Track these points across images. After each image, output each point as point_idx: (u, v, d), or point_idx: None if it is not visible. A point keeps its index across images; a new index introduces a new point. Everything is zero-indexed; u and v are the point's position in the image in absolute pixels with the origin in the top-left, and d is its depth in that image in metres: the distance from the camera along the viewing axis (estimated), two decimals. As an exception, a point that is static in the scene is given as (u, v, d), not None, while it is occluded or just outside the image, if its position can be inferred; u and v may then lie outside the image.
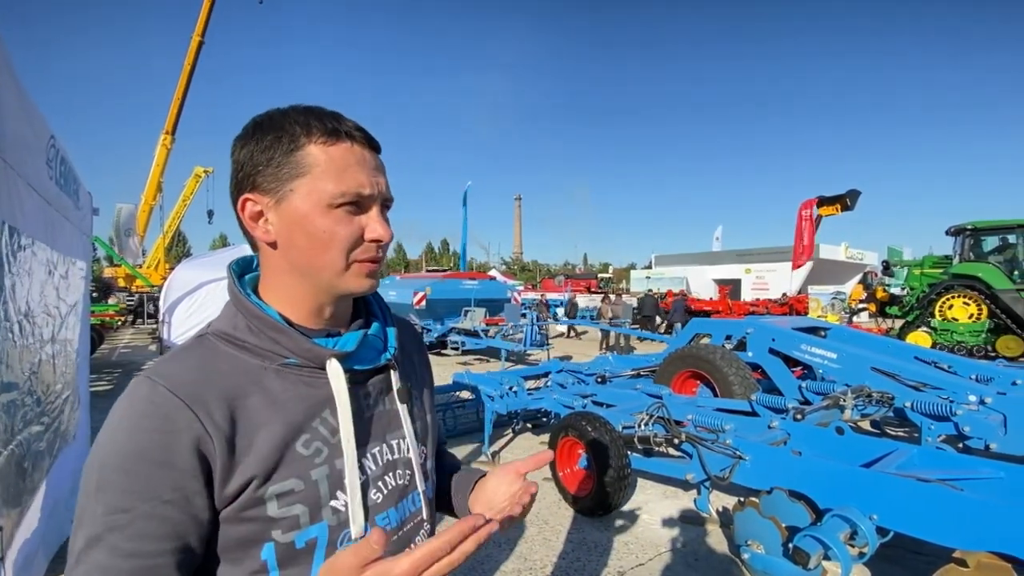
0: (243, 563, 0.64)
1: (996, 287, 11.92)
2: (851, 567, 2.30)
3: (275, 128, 0.67)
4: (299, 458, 0.66)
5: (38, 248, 2.41)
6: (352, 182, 0.66)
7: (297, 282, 0.70)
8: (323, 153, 0.66)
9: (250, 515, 0.63)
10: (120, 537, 0.57)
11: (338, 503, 0.68)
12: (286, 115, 0.68)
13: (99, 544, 0.57)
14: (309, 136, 0.66)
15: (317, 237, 0.66)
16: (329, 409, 0.69)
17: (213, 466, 0.61)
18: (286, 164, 0.66)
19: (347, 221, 0.67)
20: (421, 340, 0.98)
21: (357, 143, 0.68)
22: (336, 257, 0.67)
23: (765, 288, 28.40)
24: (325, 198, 0.66)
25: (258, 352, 0.67)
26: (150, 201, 24.16)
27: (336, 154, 0.67)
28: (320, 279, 0.69)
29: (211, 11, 21.70)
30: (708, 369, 5.00)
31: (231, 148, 0.70)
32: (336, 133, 0.67)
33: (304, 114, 0.68)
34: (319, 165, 0.66)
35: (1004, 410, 3.73)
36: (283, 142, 0.66)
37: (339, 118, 0.69)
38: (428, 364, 0.96)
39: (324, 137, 0.66)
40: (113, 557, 0.56)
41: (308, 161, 0.66)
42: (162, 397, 0.60)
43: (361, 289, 0.71)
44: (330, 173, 0.66)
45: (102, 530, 0.57)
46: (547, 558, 3.19)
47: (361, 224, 0.68)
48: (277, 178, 0.66)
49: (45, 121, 2.26)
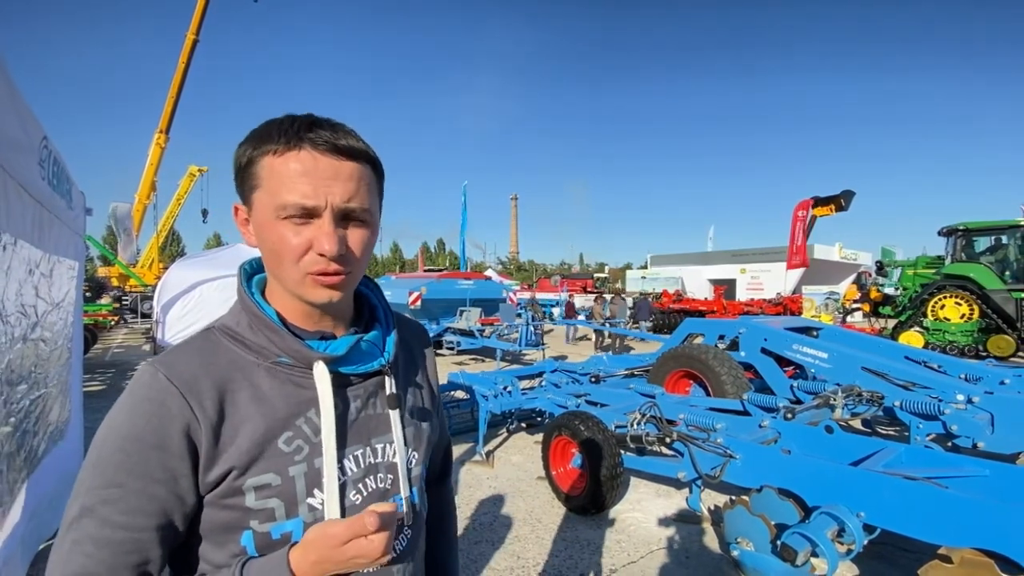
0: (226, 546, 0.68)
1: (988, 287, 12.05)
2: (837, 563, 2.33)
3: (248, 139, 0.69)
4: (279, 454, 0.69)
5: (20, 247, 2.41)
6: (294, 193, 0.65)
7: (280, 286, 0.73)
8: (272, 165, 0.66)
9: (230, 503, 0.67)
10: (112, 510, 0.61)
11: (315, 501, 0.70)
12: (270, 124, 0.68)
13: (91, 514, 0.61)
14: (264, 146, 0.66)
15: (271, 248, 0.68)
16: (314, 409, 0.71)
17: (199, 452, 0.65)
18: (248, 176, 0.68)
19: (294, 232, 0.66)
20: (430, 346, 0.98)
21: (316, 150, 0.65)
22: (288, 268, 0.68)
23: (760, 288, 28.55)
24: (271, 210, 0.66)
25: (254, 348, 0.71)
26: (144, 200, 24.04)
27: (282, 165, 0.65)
28: (287, 287, 0.71)
29: (206, 9, 21.62)
30: (701, 369, 5.04)
31: None
32: (288, 143, 0.65)
33: (279, 123, 0.67)
34: (268, 177, 0.66)
35: (991, 409, 3.77)
36: (246, 153, 0.68)
37: (307, 125, 0.66)
38: (435, 370, 0.97)
39: (277, 146, 0.66)
40: (103, 527, 0.61)
41: (261, 173, 0.67)
42: (160, 384, 0.65)
43: (319, 300, 0.70)
44: (273, 184, 0.66)
45: (95, 502, 0.61)
46: (540, 556, 3.22)
47: (308, 236, 0.66)
48: (244, 188, 0.70)
49: (38, 121, 2.26)
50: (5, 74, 1.78)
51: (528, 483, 4.37)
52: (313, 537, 0.64)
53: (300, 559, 0.63)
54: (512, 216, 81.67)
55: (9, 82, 1.82)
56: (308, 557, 0.63)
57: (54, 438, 3.33)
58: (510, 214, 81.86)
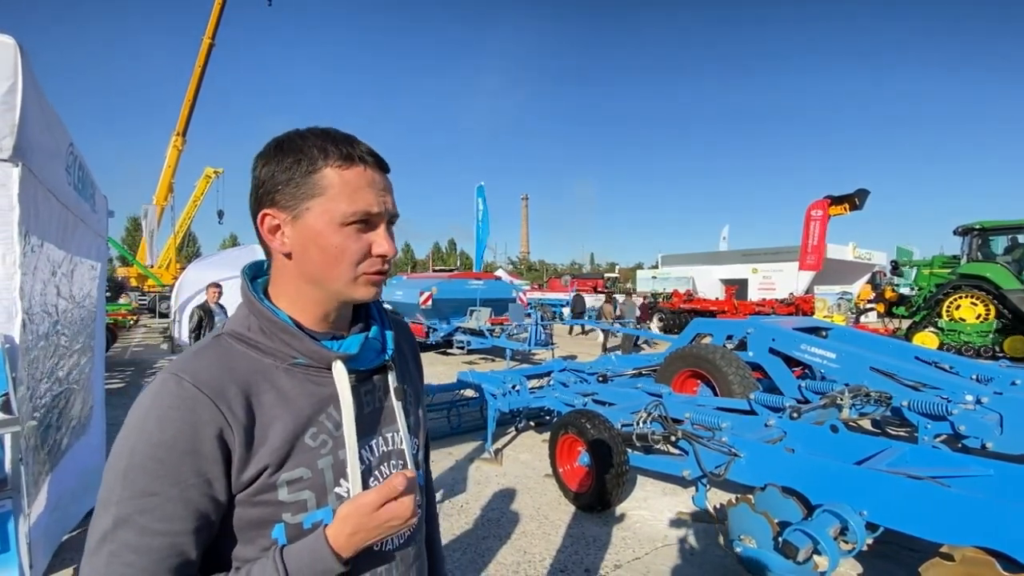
0: (256, 541, 0.71)
1: (1004, 287, 11.84)
2: (838, 560, 2.36)
3: (295, 150, 0.73)
4: (307, 449, 0.74)
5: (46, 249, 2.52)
6: (362, 202, 0.73)
7: (308, 290, 0.77)
8: (337, 176, 0.73)
9: (263, 499, 0.70)
10: (149, 518, 0.63)
11: (341, 489, 0.76)
12: (305, 138, 0.74)
13: (127, 524, 0.62)
14: (326, 160, 0.73)
15: (329, 252, 0.73)
16: (333, 405, 0.77)
17: (232, 454, 0.68)
18: (304, 184, 0.73)
19: (356, 238, 0.74)
20: (415, 340, 1.05)
21: (368, 166, 0.75)
22: (345, 270, 0.75)
23: (772, 288, 28.23)
24: (337, 217, 0.72)
25: (270, 352, 0.75)
26: (161, 202, 24.50)
27: (349, 177, 0.73)
28: (330, 288, 0.76)
29: (221, 13, 21.97)
30: (708, 368, 5.06)
31: (253, 164, 0.77)
32: (350, 157, 0.73)
33: (322, 138, 0.74)
34: (334, 187, 0.73)
35: (1000, 410, 3.76)
36: (302, 164, 0.72)
37: (353, 142, 0.75)
38: (420, 363, 1.05)
39: (339, 161, 0.73)
40: (142, 536, 0.62)
41: (324, 183, 0.72)
42: (189, 392, 0.67)
43: (366, 297, 0.78)
44: (343, 194, 0.73)
45: (131, 511, 0.63)
46: (547, 551, 3.27)
47: (369, 240, 0.75)
48: (295, 196, 0.73)
49: (65, 128, 2.37)
50: (36, 85, 1.88)
51: (536, 480, 4.42)
52: (347, 511, 0.70)
53: (337, 533, 0.69)
54: (523, 216, 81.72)
55: (39, 92, 1.92)
56: (344, 530, 0.69)
57: (76, 433, 3.45)
58: (521, 214, 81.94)
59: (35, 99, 1.82)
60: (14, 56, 1.70)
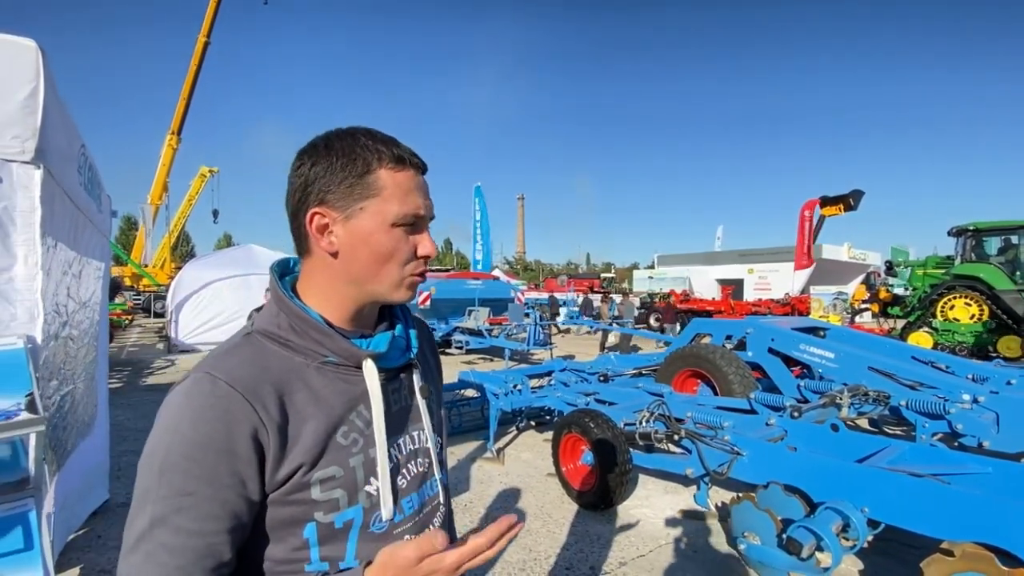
0: (287, 540, 0.72)
1: (997, 288, 11.96)
2: (841, 556, 2.40)
3: (348, 151, 0.74)
4: (339, 448, 0.74)
5: (59, 249, 2.55)
6: (413, 205, 0.76)
7: (348, 289, 0.78)
8: (391, 177, 0.75)
9: (296, 498, 0.70)
10: (185, 518, 0.63)
11: (371, 488, 0.76)
12: (356, 139, 0.75)
13: (163, 524, 0.62)
14: (380, 161, 0.74)
15: (379, 252, 0.75)
16: (363, 403, 0.77)
17: (266, 454, 0.68)
18: (358, 185, 0.74)
19: (404, 239, 0.76)
20: (433, 339, 1.07)
21: (416, 169, 0.78)
22: (393, 271, 0.77)
23: (767, 288, 28.40)
24: (390, 218, 0.74)
25: (301, 350, 0.74)
26: (156, 201, 24.36)
27: (401, 179, 0.76)
28: (373, 288, 0.78)
29: (216, 12, 21.87)
30: (708, 368, 5.10)
31: (297, 160, 0.76)
32: (401, 160, 0.76)
33: (372, 139, 0.75)
34: (387, 188, 0.74)
35: (997, 408, 3.82)
36: (357, 165, 0.73)
37: (399, 144, 0.77)
38: (439, 363, 1.06)
39: (392, 163, 0.75)
40: (178, 536, 0.62)
41: (378, 184, 0.74)
42: (223, 391, 0.66)
43: (405, 299, 0.81)
44: (396, 196, 0.75)
45: (168, 511, 0.62)
46: (551, 549, 3.31)
47: (415, 242, 0.78)
48: (349, 197, 0.74)
49: (77, 130, 2.38)
50: (54, 87, 1.90)
51: (538, 479, 4.46)
52: (385, 559, 0.66)
53: None
54: (519, 216, 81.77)
55: (57, 96, 1.94)
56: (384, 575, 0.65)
57: (81, 433, 3.45)
58: (517, 214, 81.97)
59: (54, 101, 1.84)
60: (36, 59, 1.71)
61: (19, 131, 1.70)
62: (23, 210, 1.75)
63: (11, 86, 1.68)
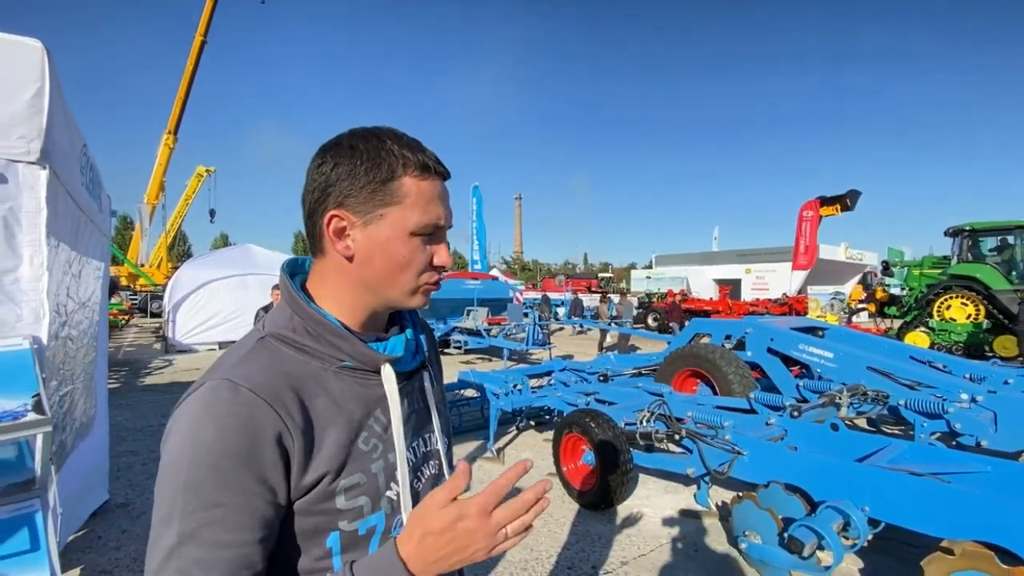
0: (310, 551, 0.70)
1: (994, 288, 12.04)
2: (843, 555, 2.42)
3: (373, 155, 0.71)
4: (361, 454, 0.72)
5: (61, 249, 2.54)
6: (434, 215, 0.74)
7: (362, 294, 0.76)
8: (415, 185, 0.73)
9: (322, 508, 0.69)
10: (217, 531, 0.60)
11: (391, 493, 0.76)
12: (383, 142, 0.73)
13: (194, 539, 0.59)
14: (405, 168, 0.72)
15: (396, 260, 0.73)
16: (380, 408, 0.76)
17: (291, 460, 0.66)
18: (381, 191, 0.71)
19: (421, 248, 0.74)
20: (435, 339, 1.07)
21: (439, 178, 0.76)
22: (409, 279, 0.75)
23: (765, 288, 28.50)
24: (409, 226, 0.72)
25: (317, 355, 0.72)
26: (152, 201, 24.26)
27: (425, 188, 0.73)
28: (388, 295, 0.76)
29: (213, 11, 21.80)
30: (708, 368, 5.12)
31: (319, 158, 0.73)
32: (426, 168, 0.74)
33: (398, 143, 0.73)
34: (410, 196, 0.72)
35: (994, 408, 3.84)
36: (381, 170, 0.71)
37: (425, 150, 0.75)
38: (441, 365, 1.06)
39: (417, 171, 0.73)
40: (211, 549, 0.60)
41: (402, 191, 0.72)
42: (246, 397, 0.64)
43: (418, 306, 0.80)
44: (418, 205, 0.73)
45: (197, 525, 0.60)
46: (552, 549, 3.31)
47: (432, 251, 0.76)
48: (370, 202, 0.72)
49: (79, 129, 2.37)
50: (59, 87, 1.89)
51: (538, 479, 4.45)
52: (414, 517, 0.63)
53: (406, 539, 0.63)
54: (516, 216, 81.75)
55: (62, 96, 1.93)
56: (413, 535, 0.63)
57: (81, 434, 3.44)
58: (514, 214, 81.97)
59: (59, 101, 1.83)
60: (41, 59, 1.71)
61: (25, 131, 1.70)
62: (29, 211, 1.75)
63: (17, 86, 1.68)
